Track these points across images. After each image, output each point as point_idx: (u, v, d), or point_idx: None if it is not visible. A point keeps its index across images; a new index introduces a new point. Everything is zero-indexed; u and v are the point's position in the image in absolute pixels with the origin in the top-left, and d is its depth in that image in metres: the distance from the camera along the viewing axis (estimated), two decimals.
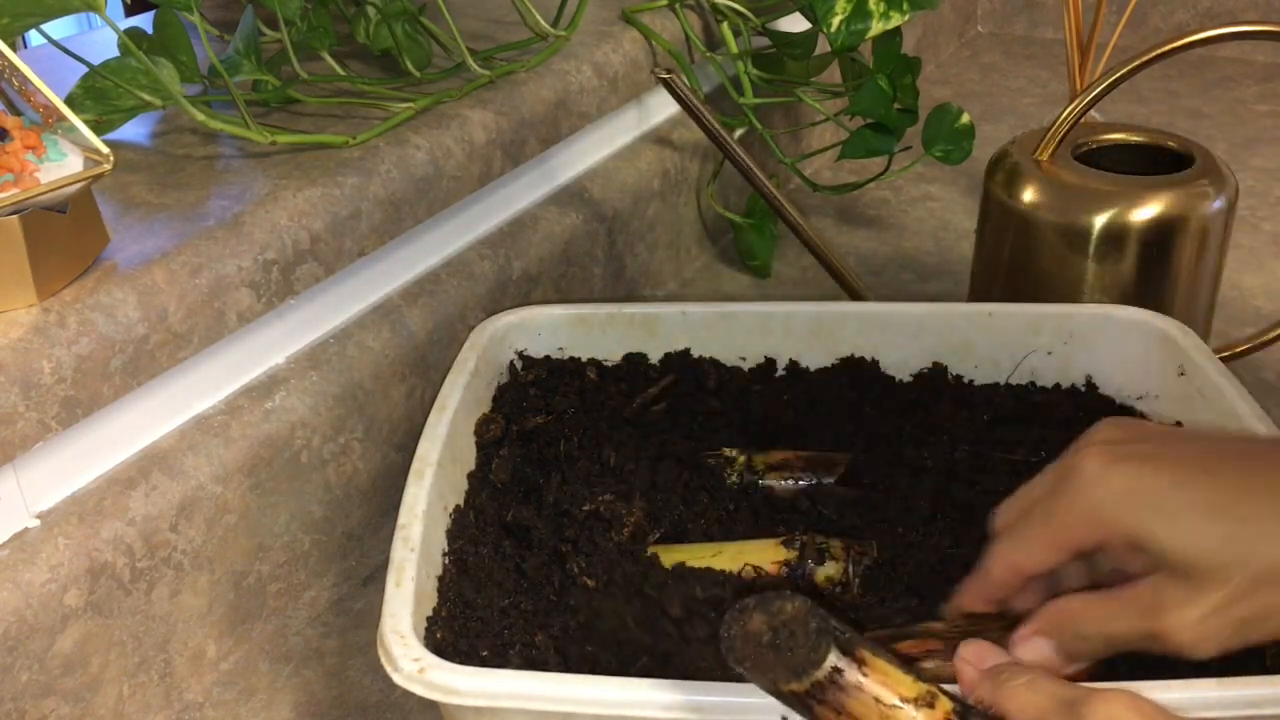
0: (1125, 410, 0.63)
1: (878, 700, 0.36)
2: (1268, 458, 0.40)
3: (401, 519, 0.52)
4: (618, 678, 0.44)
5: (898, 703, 0.36)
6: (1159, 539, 0.39)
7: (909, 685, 0.36)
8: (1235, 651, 0.39)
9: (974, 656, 0.41)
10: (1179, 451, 0.41)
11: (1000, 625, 0.45)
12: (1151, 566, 0.40)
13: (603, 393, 0.65)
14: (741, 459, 0.60)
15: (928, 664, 0.45)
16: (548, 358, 0.67)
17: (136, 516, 0.54)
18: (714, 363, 0.67)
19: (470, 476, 0.60)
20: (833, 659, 0.35)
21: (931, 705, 0.36)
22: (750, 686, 0.41)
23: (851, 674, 0.35)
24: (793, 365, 0.67)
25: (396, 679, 0.44)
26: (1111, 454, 0.42)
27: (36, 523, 0.52)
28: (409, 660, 0.44)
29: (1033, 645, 0.43)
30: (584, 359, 0.67)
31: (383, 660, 0.45)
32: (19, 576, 0.50)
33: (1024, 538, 0.44)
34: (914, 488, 0.57)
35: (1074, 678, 0.42)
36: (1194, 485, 0.40)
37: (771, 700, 0.40)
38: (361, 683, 0.59)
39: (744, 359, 0.67)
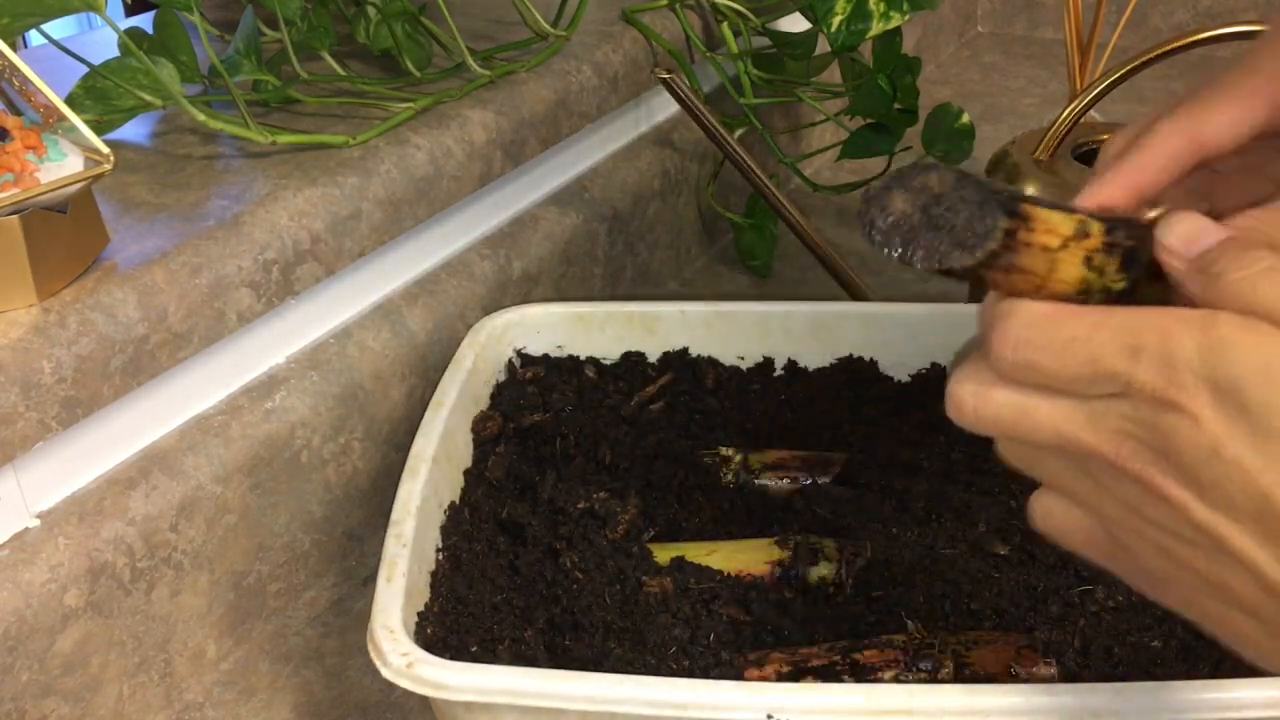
0: None
1: (1045, 249, 0.33)
2: None
3: (395, 515, 0.52)
4: (606, 674, 0.44)
5: (1061, 245, 0.33)
6: None
7: (1065, 222, 0.33)
8: None
9: (1181, 241, 0.32)
10: None
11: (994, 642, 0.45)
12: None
13: (601, 391, 0.65)
14: (738, 458, 0.60)
15: (887, 674, 0.45)
16: (546, 356, 0.67)
17: (136, 516, 0.54)
18: (712, 362, 0.67)
19: (466, 473, 0.60)
20: (1004, 223, 0.32)
21: (1087, 234, 0.33)
22: (733, 682, 0.42)
23: (1022, 232, 0.32)
24: (791, 365, 0.67)
25: (385, 673, 0.44)
26: None
27: (36, 523, 0.52)
28: (398, 655, 0.44)
29: (1198, 224, 0.33)
30: (583, 357, 0.67)
31: (372, 655, 0.45)
32: (19, 576, 0.50)
33: (1222, 90, 0.36)
34: (909, 489, 0.57)
35: None
36: None
37: (757, 696, 0.40)
38: (361, 683, 0.59)
39: (742, 358, 0.67)
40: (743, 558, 0.53)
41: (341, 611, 0.64)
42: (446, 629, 0.50)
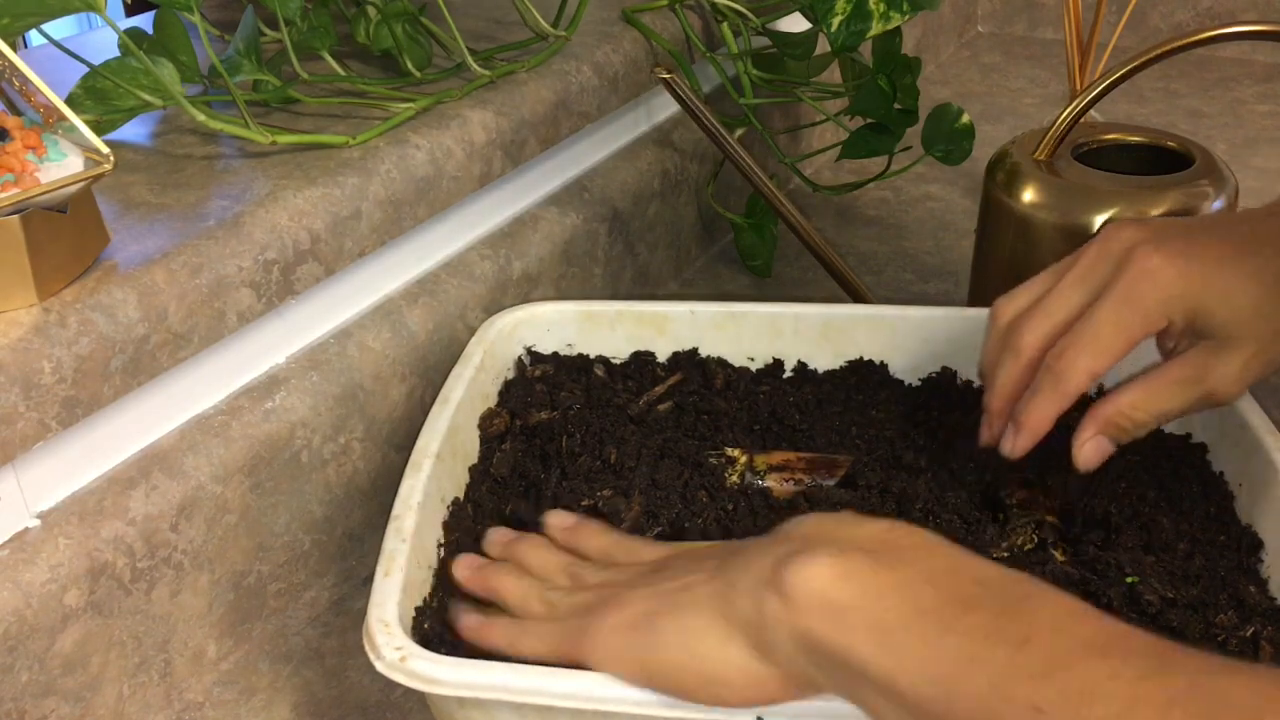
0: None
1: None
2: (1267, 231, 0.48)
3: (396, 510, 0.52)
4: (598, 673, 0.44)
5: None
6: (1214, 311, 0.47)
7: None
8: None
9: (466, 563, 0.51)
10: (1208, 237, 0.48)
11: None
12: (1193, 340, 0.48)
13: (609, 390, 0.65)
14: (743, 459, 0.60)
15: None
16: (555, 354, 0.67)
17: (137, 516, 0.54)
18: (721, 362, 0.67)
19: (472, 470, 0.60)
20: None
21: None
22: None
23: None
24: (801, 367, 0.67)
25: (379, 667, 0.44)
26: (1162, 249, 0.48)
27: (37, 523, 0.52)
28: (392, 649, 0.44)
29: (1095, 445, 0.50)
30: (592, 356, 0.68)
31: (367, 648, 0.45)
32: (19, 576, 0.50)
33: (1098, 342, 0.48)
34: (913, 492, 0.57)
35: None
36: (1233, 263, 0.47)
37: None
38: (361, 683, 0.59)
39: (752, 359, 0.67)
40: None
41: (341, 611, 0.64)
42: (445, 625, 0.50)
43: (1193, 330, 0.48)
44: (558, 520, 0.53)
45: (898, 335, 0.66)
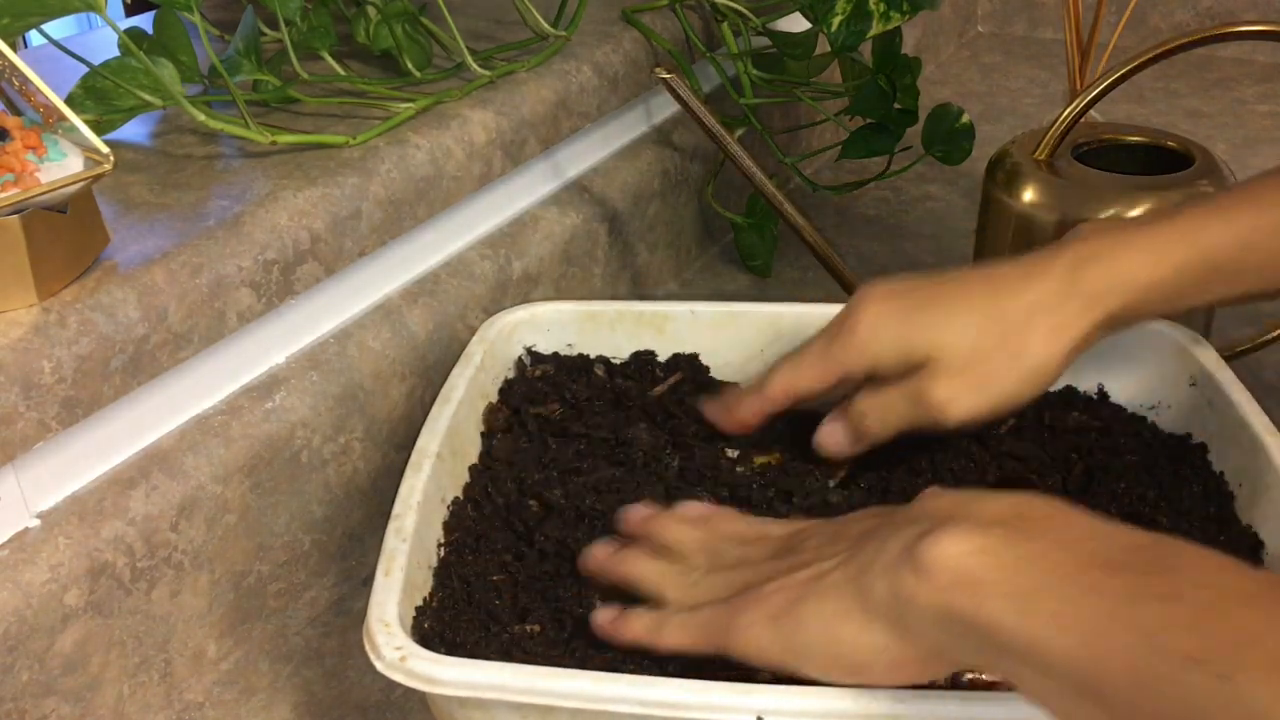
0: (1137, 420, 0.63)
1: None
2: (997, 278, 0.54)
3: (396, 509, 0.52)
4: (599, 672, 0.44)
5: None
6: (920, 346, 0.53)
7: None
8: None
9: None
10: (934, 286, 0.55)
11: None
12: (913, 372, 0.54)
13: (609, 390, 0.65)
14: (743, 459, 0.60)
15: None
16: (556, 354, 0.68)
17: (137, 516, 0.54)
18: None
19: (472, 469, 0.60)
20: None
21: None
22: (724, 683, 0.42)
23: None
24: None
25: (379, 666, 0.44)
26: (881, 297, 0.55)
27: (37, 523, 0.52)
28: (391, 649, 0.44)
29: (831, 429, 0.57)
30: (592, 356, 0.68)
31: (367, 648, 0.45)
32: (19, 576, 0.50)
33: (801, 364, 0.57)
34: (913, 493, 0.57)
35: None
36: (943, 303, 0.54)
37: (747, 697, 0.42)
38: (361, 683, 0.59)
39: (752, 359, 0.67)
40: None
41: (341, 611, 0.64)
42: (445, 624, 0.50)
43: (907, 366, 0.54)
44: (691, 509, 0.53)
45: None
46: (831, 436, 0.57)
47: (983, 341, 0.52)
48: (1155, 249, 0.53)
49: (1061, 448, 0.60)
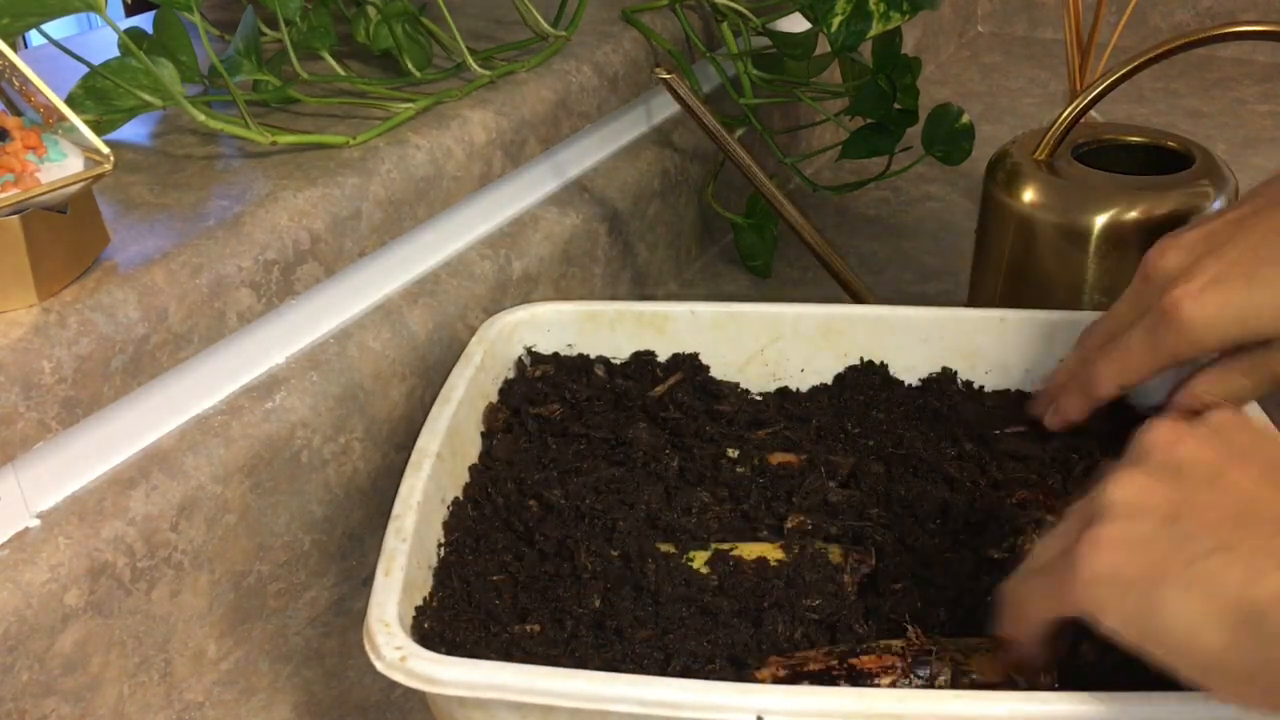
0: (1141, 419, 0.63)
1: None
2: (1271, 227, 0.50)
3: (396, 509, 0.52)
4: (599, 672, 0.44)
5: None
6: (1261, 329, 0.50)
7: None
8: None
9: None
10: (1237, 250, 0.50)
11: (957, 647, 0.45)
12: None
13: (609, 390, 0.65)
14: (744, 459, 0.60)
15: (884, 680, 0.45)
16: (556, 354, 0.68)
17: (137, 516, 0.54)
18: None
19: (472, 469, 0.60)
20: None
21: None
22: (724, 683, 0.42)
23: None
24: (801, 367, 0.67)
25: (379, 666, 0.44)
26: (1193, 283, 0.51)
27: (37, 523, 0.52)
28: (392, 649, 0.44)
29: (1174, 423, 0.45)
30: (592, 356, 0.68)
31: (366, 647, 0.45)
32: (19, 576, 0.50)
33: (1128, 358, 0.53)
34: (915, 493, 0.57)
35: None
36: (1263, 277, 0.49)
37: (747, 697, 0.41)
38: (361, 683, 0.59)
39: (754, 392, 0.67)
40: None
41: (341, 611, 0.64)
42: (445, 624, 0.50)
43: (1258, 341, 0.51)
44: None
45: (898, 335, 0.66)
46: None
47: None
48: None
49: (1061, 447, 0.60)
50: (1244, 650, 0.35)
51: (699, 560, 0.53)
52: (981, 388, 0.66)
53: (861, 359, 0.67)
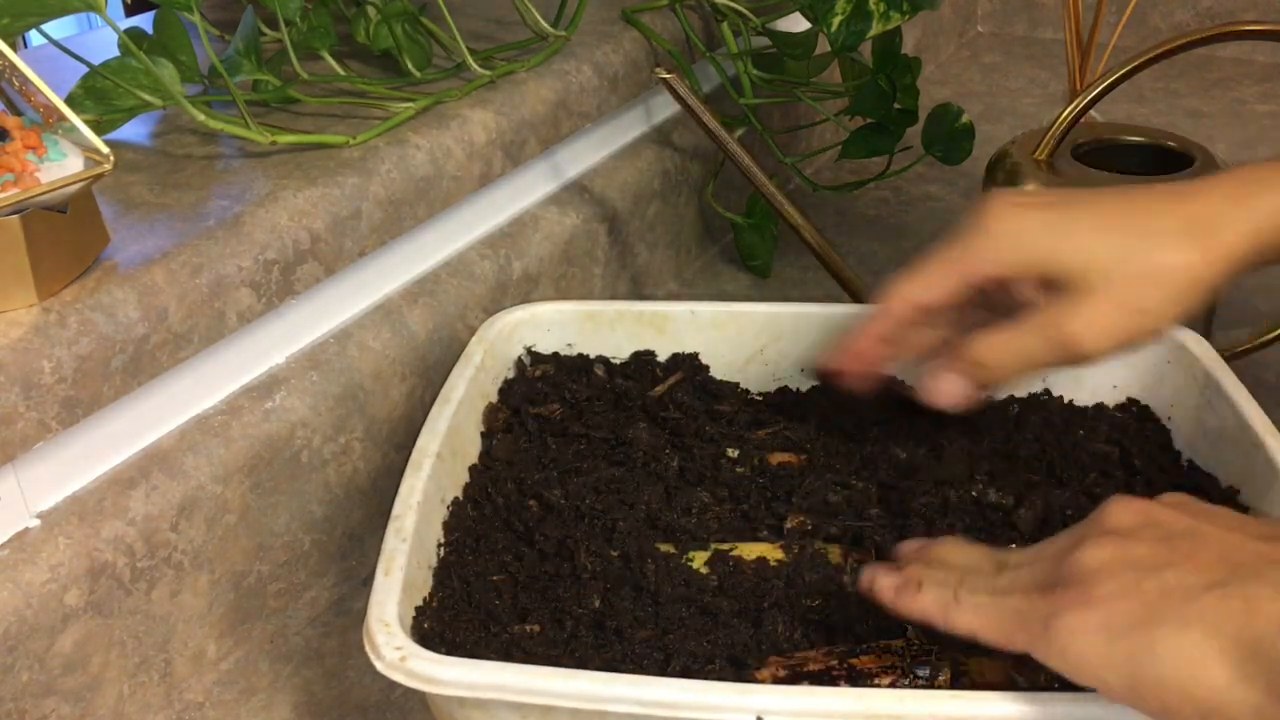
0: (1154, 421, 0.63)
1: None
2: (1140, 194, 0.48)
3: (396, 509, 0.52)
4: (598, 672, 0.44)
5: None
6: (1061, 257, 0.46)
7: None
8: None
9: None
10: (1068, 197, 0.48)
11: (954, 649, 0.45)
12: (1050, 294, 0.47)
13: (609, 390, 0.65)
14: (743, 459, 0.60)
15: (884, 680, 0.45)
16: (556, 354, 0.68)
17: (137, 516, 0.54)
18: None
19: (472, 469, 0.60)
20: None
21: None
22: (723, 683, 0.42)
23: None
24: (801, 367, 0.67)
25: (379, 666, 0.44)
26: (1015, 203, 0.48)
27: (37, 523, 0.52)
28: (391, 649, 0.44)
29: (948, 380, 0.50)
30: (592, 356, 0.68)
31: (366, 647, 0.45)
32: (19, 576, 0.50)
33: (925, 270, 0.49)
34: (915, 492, 0.57)
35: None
36: (1084, 215, 0.47)
37: (746, 697, 0.41)
38: (361, 683, 0.59)
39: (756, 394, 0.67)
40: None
41: (341, 611, 0.64)
42: (444, 624, 0.50)
43: (1047, 282, 0.47)
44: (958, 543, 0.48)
45: None
46: (948, 387, 0.51)
47: (1134, 255, 0.46)
48: None
49: (1061, 448, 0.60)
50: (1249, 684, 0.34)
51: (699, 560, 0.53)
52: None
53: None
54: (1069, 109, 0.74)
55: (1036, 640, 0.39)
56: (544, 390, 0.65)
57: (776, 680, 0.46)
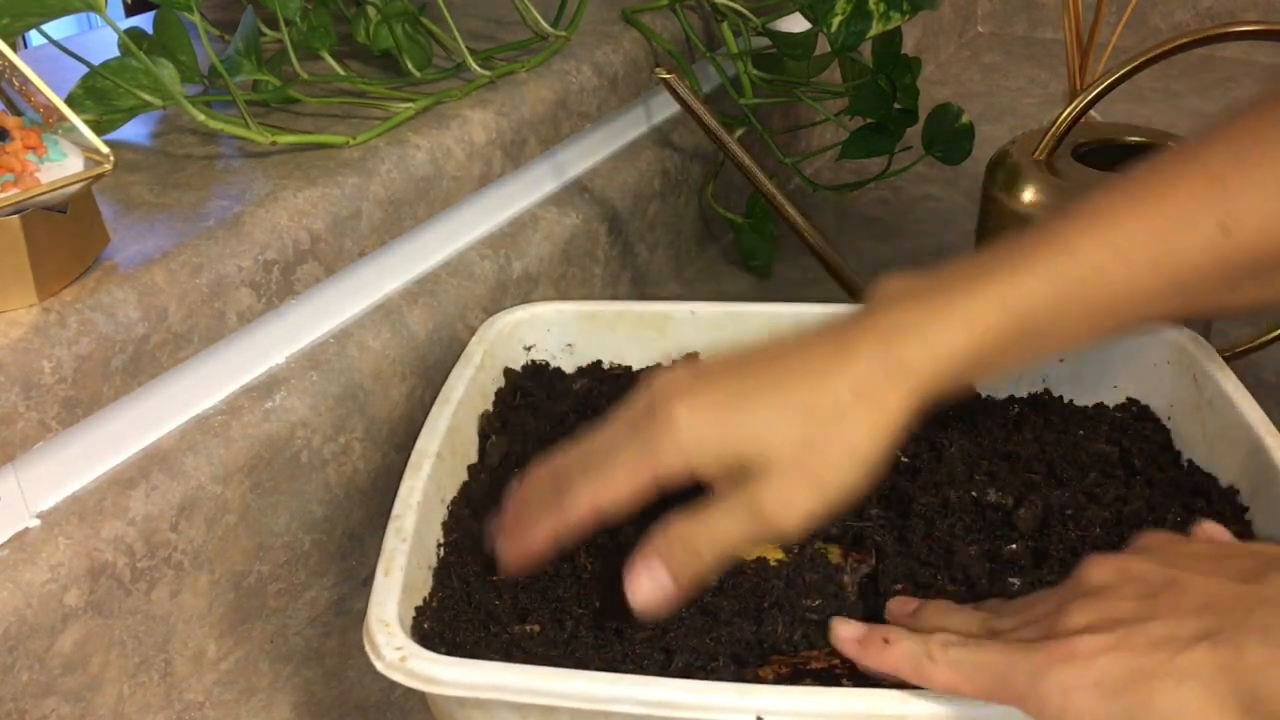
0: (1153, 421, 0.63)
1: None
2: (800, 364, 0.47)
3: (396, 509, 0.52)
4: (599, 672, 0.44)
5: None
6: (745, 448, 0.45)
7: None
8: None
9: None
10: (738, 379, 0.47)
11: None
12: (738, 479, 0.46)
13: (609, 391, 0.65)
14: None
15: (887, 680, 0.45)
16: (556, 354, 0.68)
17: (137, 516, 0.54)
18: None
19: (471, 469, 0.60)
20: None
21: None
22: (724, 683, 0.42)
23: None
24: None
25: (379, 667, 0.44)
26: (690, 402, 0.46)
27: (37, 523, 0.52)
28: (392, 649, 0.44)
29: (650, 569, 0.46)
30: (592, 357, 0.68)
31: (367, 648, 0.45)
32: (19, 576, 0.50)
33: (610, 475, 0.47)
34: (915, 493, 0.57)
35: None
36: (756, 403, 0.46)
37: (747, 698, 0.41)
38: (361, 683, 0.59)
39: None
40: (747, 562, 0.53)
41: (341, 611, 0.64)
42: (444, 624, 0.50)
43: (732, 467, 0.46)
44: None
45: None
46: (651, 587, 0.47)
47: (810, 433, 0.45)
48: (968, 317, 0.46)
49: (1058, 447, 0.60)
50: None
51: None
52: (989, 398, 0.66)
53: None
54: (1069, 109, 0.74)
55: (1026, 697, 0.39)
56: (544, 389, 0.65)
57: (779, 678, 0.46)
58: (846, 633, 0.45)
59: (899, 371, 0.46)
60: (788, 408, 0.46)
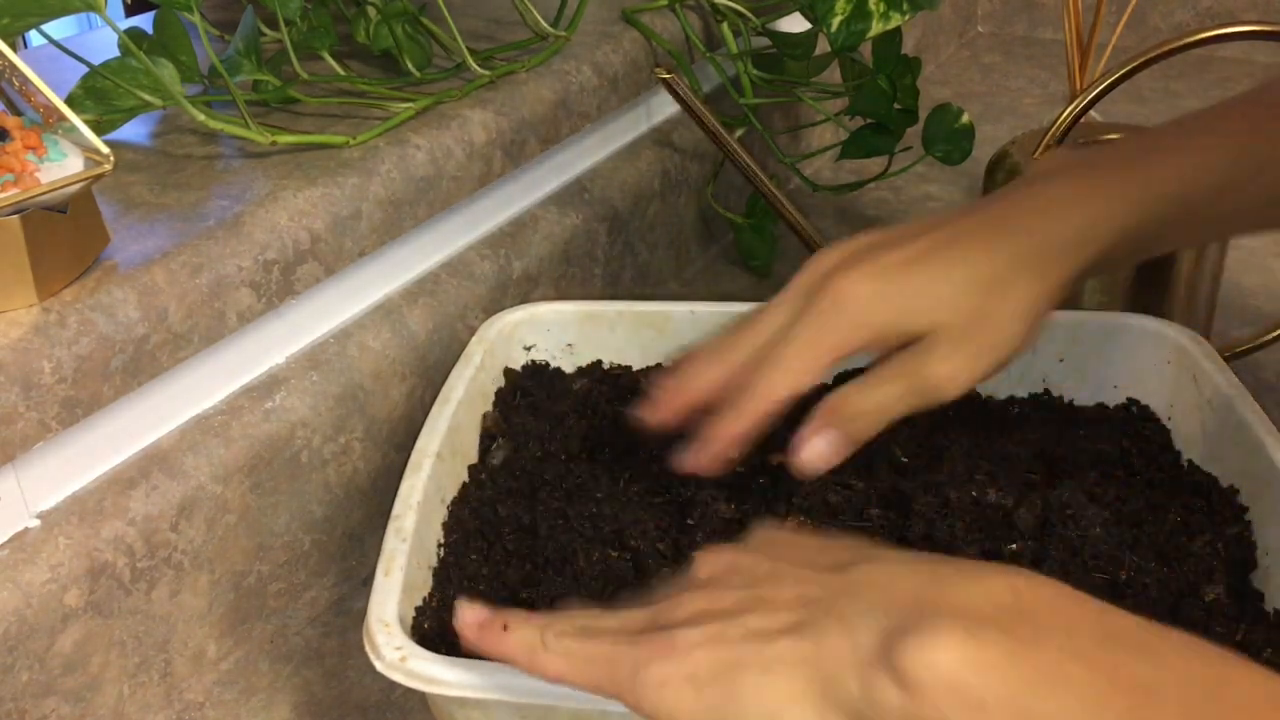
0: (1154, 421, 0.63)
1: None
2: (971, 230, 0.49)
3: (396, 510, 0.52)
4: None
5: None
6: (916, 318, 0.48)
7: None
8: None
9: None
10: (905, 250, 0.49)
11: None
12: (899, 348, 0.48)
13: (610, 390, 0.65)
14: (743, 458, 0.60)
15: None
16: (555, 354, 0.68)
17: (137, 516, 0.54)
18: None
19: (471, 469, 0.60)
20: None
21: None
22: None
23: None
24: None
25: (379, 667, 0.44)
26: (853, 271, 0.49)
27: (37, 523, 0.52)
28: (392, 649, 0.44)
29: (817, 442, 0.49)
30: (592, 357, 0.68)
31: (367, 648, 0.45)
32: (19, 576, 0.50)
33: (790, 360, 0.48)
34: (915, 494, 0.57)
35: None
36: (925, 271, 0.48)
37: None
38: (361, 683, 0.59)
39: None
40: None
41: (341, 611, 0.64)
42: (445, 624, 0.50)
43: (903, 338, 0.48)
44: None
45: None
46: (821, 449, 0.49)
47: (978, 304, 0.47)
48: (1128, 194, 0.48)
49: (1062, 449, 0.60)
50: None
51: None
52: (990, 400, 0.66)
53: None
54: (1069, 109, 0.74)
55: (625, 691, 0.38)
56: (544, 389, 0.65)
57: None
58: (469, 617, 0.42)
59: (1059, 244, 0.48)
60: (954, 281, 0.48)
